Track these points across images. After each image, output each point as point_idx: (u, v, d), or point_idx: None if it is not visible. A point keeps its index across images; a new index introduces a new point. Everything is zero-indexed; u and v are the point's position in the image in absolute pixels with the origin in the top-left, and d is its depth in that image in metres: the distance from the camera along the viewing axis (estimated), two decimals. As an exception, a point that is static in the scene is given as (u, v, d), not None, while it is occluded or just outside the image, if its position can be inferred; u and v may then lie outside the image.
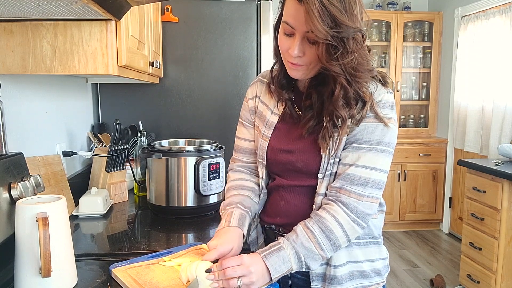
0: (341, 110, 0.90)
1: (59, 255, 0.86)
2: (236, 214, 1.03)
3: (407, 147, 4.04)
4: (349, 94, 0.89)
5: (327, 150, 0.94)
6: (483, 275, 2.57)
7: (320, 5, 0.80)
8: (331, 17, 0.80)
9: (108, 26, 1.05)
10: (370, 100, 0.91)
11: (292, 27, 0.88)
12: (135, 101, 2.11)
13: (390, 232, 4.10)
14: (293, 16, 0.86)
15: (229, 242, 0.95)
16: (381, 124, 0.92)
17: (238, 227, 1.01)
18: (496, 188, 2.46)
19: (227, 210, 1.06)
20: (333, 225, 0.91)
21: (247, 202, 1.08)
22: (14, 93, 1.26)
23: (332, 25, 0.81)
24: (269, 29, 2.11)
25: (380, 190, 0.93)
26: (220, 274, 0.84)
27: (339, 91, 0.88)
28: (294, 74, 0.95)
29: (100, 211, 1.46)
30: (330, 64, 0.85)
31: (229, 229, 1.00)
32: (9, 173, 1.01)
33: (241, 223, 1.02)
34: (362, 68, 0.88)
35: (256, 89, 1.13)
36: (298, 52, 0.89)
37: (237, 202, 1.06)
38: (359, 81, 0.89)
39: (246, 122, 1.15)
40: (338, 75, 0.86)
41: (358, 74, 0.87)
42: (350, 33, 0.83)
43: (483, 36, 3.59)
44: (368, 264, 1.01)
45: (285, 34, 0.91)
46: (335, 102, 0.89)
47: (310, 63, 0.91)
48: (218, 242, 0.94)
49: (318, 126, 0.96)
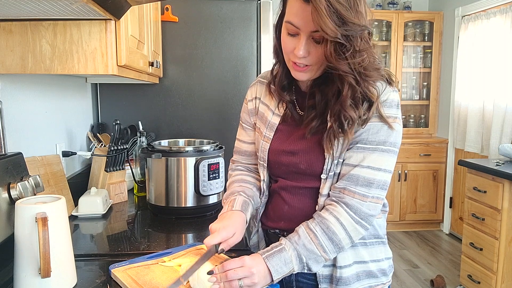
0: (349, 110, 0.87)
1: (58, 256, 0.86)
2: (239, 200, 1.02)
3: (408, 147, 4.03)
4: (357, 94, 0.87)
5: (332, 151, 0.92)
6: (484, 275, 2.57)
7: (327, 3, 0.78)
8: (338, 15, 0.79)
9: (108, 26, 1.05)
10: (377, 100, 0.89)
11: (297, 27, 0.86)
12: (134, 101, 2.11)
13: (391, 232, 4.09)
14: (298, 15, 0.85)
15: (232, 226, 0.94)
16: (386, 124, 0.91)
17: (241, 211, 1.00)
18: (497, 188, 2.46)
19: (229, 198, 1.05)
20: (336, 226, 0.90)
21: (249, 191, 1.08)
22: (14, 93, 1.26)
23: (339, 23, 0.80)
24: (269, 29, 2.11)
25: (384, 190, 0.92)
26: (222, 276, 0.84)
27: (347, 90, 0.86)
28: (299, 76, 0.93)
29: (99, 211, 1.46)
30: (339, 64, 0.83)
31: (232, 213, 0.99)
32: (9, 173, 1.00)
33: (244, 208, 1.01)
34: (370, 67, 0.87)
35: (255, 91, 1.12)
36: (304, 53, 0.87)
37: (240, 191, 1.06)
38: (368, 80, 0.87)
39: (245, 124, 1.14)
40: (347, 75, 0.85)
41: (367, 73, 0.86)
42: (357, 31, 0.82)
43: (483, 36, 3.58)
44: (374, 264, 1.00)
45: (288, 34, 0.89)
46: (343, 102, 0.87)
47: (315, 63, 0.89)
48: (221, 225, 0.94)
49: (321, 126, 0.95)
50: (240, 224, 0.97)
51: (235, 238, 0.95)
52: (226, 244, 0.93)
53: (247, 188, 1.09)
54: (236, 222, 0.97)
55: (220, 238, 0.91)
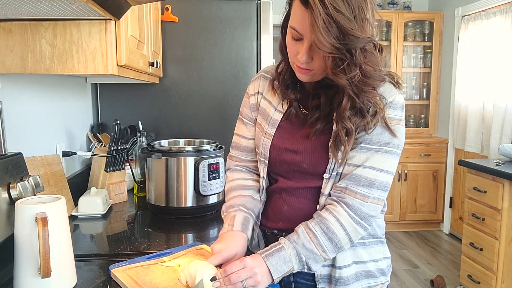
0: (346, 121, 0.87)
1: (58, 256, 0.86)
2: (239, 218, 1.00)
3: (408, 147, 4.03)
4: (357, 105, 0.86)
5: (337, 155, 0.91)
6: (484, 275, 2.57)
7: (326, 14, 0.75)
8: (338, 27, 0.76)
9: (108, 26, 1.05)
10: (382, 110, 0.88)
11: (300, 34, 0.85)
12: (134, 101, 2.11)
13: (390, 232, 4.09)
14: (299, 22, 0.84)
15: (233, 247, 0.94)
16: (390, 126, 0.90)
17: (242, 231, 0.99)
18: (497, 188, 2.46)
19: (229, 213, 1.03)
20: (336, 227, 0.90)
21: (249, 203, 1.05)
22: (14, 93, 1.26)
23: (339, 36, 0.77)
24: (269, 29, 2.11)
25: (385, 192, 0.92)
26: (225, 280, 0.84)
27: (346, 102, 0.85)
28: (302, 78, 0.93)
29: (99, 211, 1.46)
30: (337, 77, 0.82)
31: (233, 233, 0.98)
32: (8, 173, 1.00)
33: (245, 227, 1.00)
34: (371, 81, 0.84)
35: (258, 85, 1.09)
36: (307, 58, 0.87)
37: (239, 204, 1.03)
38: (369, 93, 0.85)
39: (246, 119, 1.11)
40: (345, 87, 0.83)
41: (364, 88, 0.84)
42: (359, 44, 0.79)
43: (483, 36, 3.58)
44: (373, 264, 1.00)
45: (293, 38, 0.88)
46: (341, 113, 0.87)
47: (318, 68, 0.89)
48: (222, 246, 0.93)
49: (326, 127, 0.94)
50: (241, 245, 0.97)
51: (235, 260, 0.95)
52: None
53: (247, 198, 1.06)
54: (237, 243, 0.96)
55: (222, 259, 0.91)
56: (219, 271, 0.86)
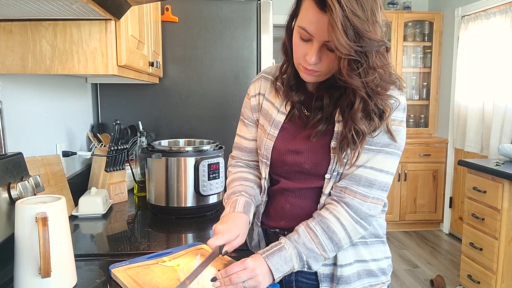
0: (359, 123, 0.86)
1: (58, 255, 0.86)
2: (241, 201, 1.02)
3: (408, 147, 4.03)
4: (368, 107, 0.85)
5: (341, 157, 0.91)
6: (484, 275, 2.57)
7: (344, 16, 0.75)
8: (354, 30, 0.76)
9: (108, 26, 1.05)
10: (390, 113, 0.88)
11: (311, 35, 0.84)
12: (134, 101, 2.11)
13: (391, 232, 4.09)
14: (313, 23, 0.82)
15: (235, 228, 0.94)
16: (391, 127, 0.90)
17: (244, 213, 0.99)
18: (497, 188, 2.46)
19: (231, 199, 1.04)
20: (336, 226, 0.90)
21: (251, 190, 1.06)
22: (14, 93, 1.26)
23: (355, 39, 0.77)
24: (269, 29, 2.11)
25: (385, 192, 0.93)
26: (225, 281, 0.84)
27: (358, 104, 0.85)
28: (307, 78, 0.93)
29: (99, 211, 1.46)
30: (352, 79, 0.81)
31: (235, 215, 0.98)
32: (9, 173, 1.00)
33: (247, 209, 1.01)
34: (384, 84, 0.84)
35: (259, 86, 1.09)
36: (316, 60, 0.86)
37: (241, 191, 1.05)
38: (382, 95, 0.85)
39: (247, 120, 1.12)
40: (359, 89, 0.83)
41: (379, 90, 0.84)
42: (373, 47, 0.79)
43: (483, 36, 3.58)
44: (374, 263, 1.01)
45: (301, 39, 0.87)
46: (354, 115, 0.86)
47: (325, 70, 0.88)
48: (225, 227, 0.93)
49: (328, 128, 0.95)
50: (243, 226, 0.97)
51: (238, 240, 0.95)
52: (230, 245, 0.93)
53: (248, 187, 1.07)
54: (239, 224, 0.96)
55: (224, 240, 0.91)
56: (219, 272, 0.86)
